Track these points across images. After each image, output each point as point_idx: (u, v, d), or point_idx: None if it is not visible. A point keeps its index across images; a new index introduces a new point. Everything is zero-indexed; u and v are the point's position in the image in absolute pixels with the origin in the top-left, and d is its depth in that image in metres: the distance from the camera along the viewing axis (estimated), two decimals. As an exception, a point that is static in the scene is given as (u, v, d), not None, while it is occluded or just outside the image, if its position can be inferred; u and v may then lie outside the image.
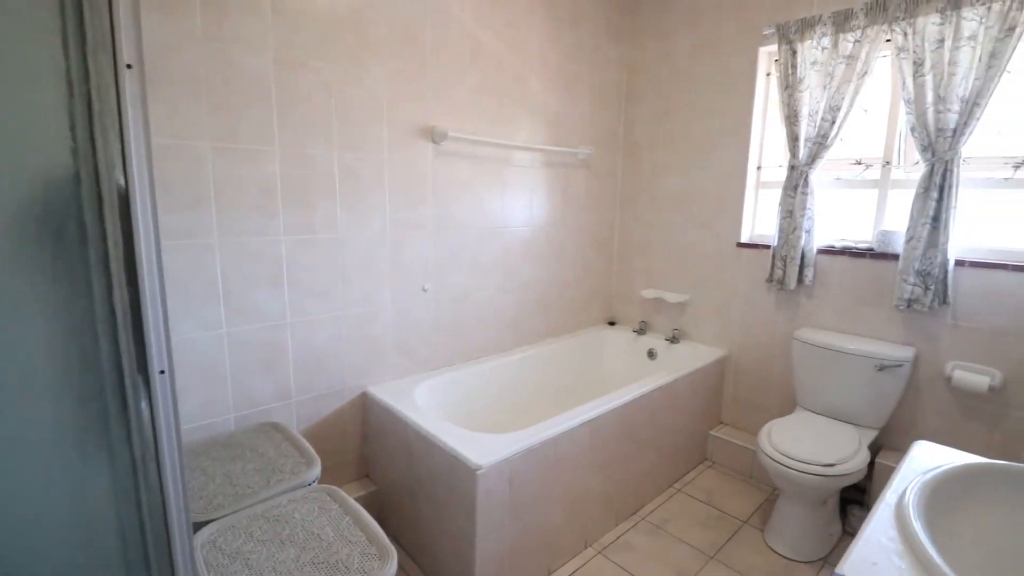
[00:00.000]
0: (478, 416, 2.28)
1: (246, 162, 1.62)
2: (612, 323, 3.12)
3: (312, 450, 1.54)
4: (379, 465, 2.00)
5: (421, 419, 1.76)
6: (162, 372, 0.80)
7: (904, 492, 0.94)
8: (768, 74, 2.44)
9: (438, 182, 2.14)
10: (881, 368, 2.01)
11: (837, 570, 0.76)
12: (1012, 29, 1.64)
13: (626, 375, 2.77)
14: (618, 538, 2.02)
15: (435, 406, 2.07)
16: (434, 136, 2.06)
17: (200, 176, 1.54)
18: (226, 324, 1.65)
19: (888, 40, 1.96)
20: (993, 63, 1.68)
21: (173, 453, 0.84)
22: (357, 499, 1.94)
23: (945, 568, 0.73)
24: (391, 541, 1.55)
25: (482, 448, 1.57)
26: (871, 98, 2.16)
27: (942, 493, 0.94)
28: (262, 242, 1.69)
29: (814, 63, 2.12)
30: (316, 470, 1.45)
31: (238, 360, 1.69)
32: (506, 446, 1.59)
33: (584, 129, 2.73)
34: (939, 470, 0.99)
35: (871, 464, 2.00)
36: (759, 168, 2.52)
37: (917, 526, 0.83)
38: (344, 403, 1.97)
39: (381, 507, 1.99)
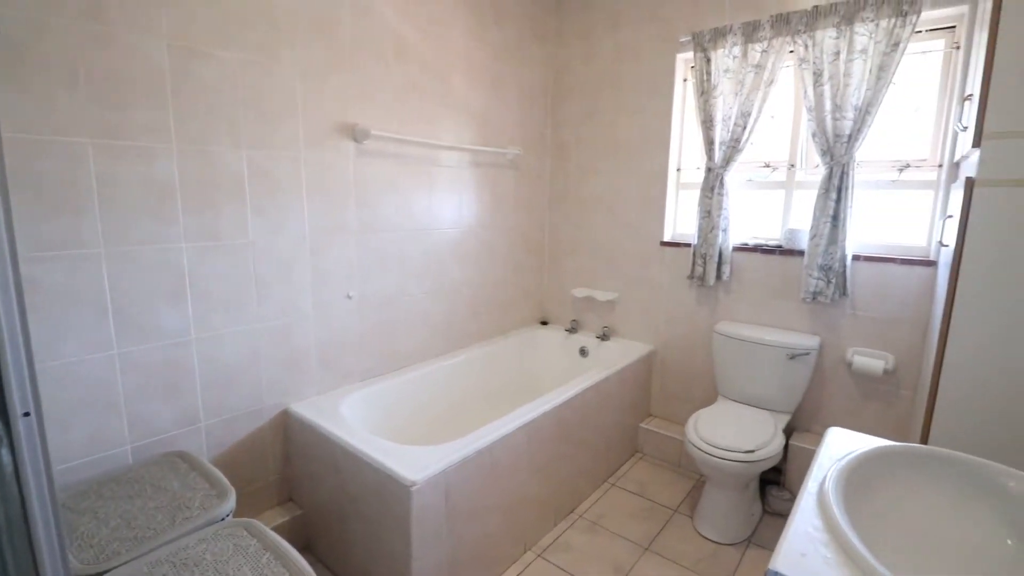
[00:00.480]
0: (410, 427, 2.19)
1: (137, 161, 1.44)
2: (544, 323, 3.13)
3: (224, 480, 1.39)
4: (304, 487, 1.87)
5: (349, 435, 1.66)
6: (26, 414, 0.68)
7: (824, 480, 1.00)
8: (685, 80, 2.54)
9: (361, 182, 2.03)
10: (792, 357, 2.15)
11: (770, 566, 0.78)
12: (896, 44, 1.80)
13: (559, 374, 2.79)
14: (556, 539, 2.03)
15: (364, 420, 1.97)
16: (356, 134, 1.95)
17: (80, 177, 1.35)
18: (118, 344, 1.46)
19: (791, 51, 2.10)
20: (882, 75, 1.84)
21: (46, 507, 0.72)
22: (281, 525, 1.80)
23: (866, 554, 0.77)
24: (320, 566, 1.43)
25: (415, 462, 1.50)
26: (777, 105, 2.31)
27: (857, 478, 1.01)
28: (159, 251, 1.51)
29: (726, 71, 2.22)
30: (230, 502, 1.32)
31: (134, 384, 1.50)
32: (441, 458, 1.53)
33: (512, 129, 2.71)
34: (851, 456, 1.06)
35: (785, 446, 2.14)
36: (679, 170, 2.63)
37: (838, 513, 0.88)
38: (262, 423, 1.82)
39: (308, 531, 1.86)
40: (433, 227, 2.37)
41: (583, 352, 2.84)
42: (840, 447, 1.14)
